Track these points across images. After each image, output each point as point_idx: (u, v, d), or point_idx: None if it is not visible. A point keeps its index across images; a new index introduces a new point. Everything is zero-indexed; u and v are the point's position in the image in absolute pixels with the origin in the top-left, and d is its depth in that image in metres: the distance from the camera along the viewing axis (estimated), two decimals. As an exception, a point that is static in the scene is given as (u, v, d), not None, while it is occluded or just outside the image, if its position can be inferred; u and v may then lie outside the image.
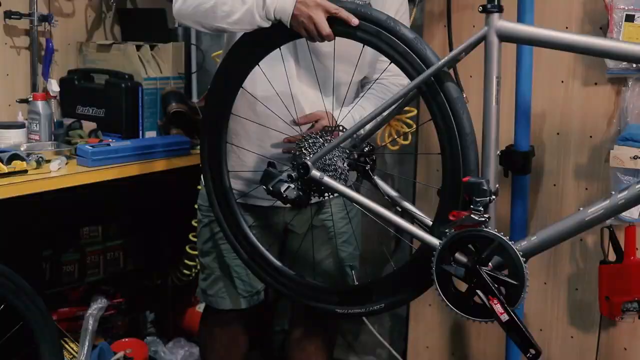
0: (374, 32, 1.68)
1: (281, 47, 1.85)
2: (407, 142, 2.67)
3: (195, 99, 3.16)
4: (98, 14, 3.07)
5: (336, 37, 1.74)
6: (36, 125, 2.57)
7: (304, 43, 1.84)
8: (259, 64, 1.87)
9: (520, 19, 2.05)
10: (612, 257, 2.17)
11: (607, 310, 2.17)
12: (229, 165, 2.03)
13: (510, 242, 1.56)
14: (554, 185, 2.41)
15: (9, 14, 2.70)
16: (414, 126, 2.57)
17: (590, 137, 2.33)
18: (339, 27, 1.71)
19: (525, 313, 2.44)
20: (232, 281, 2.21)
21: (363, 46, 1.74)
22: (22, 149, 2.43)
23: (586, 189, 2.35)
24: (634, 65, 2.15)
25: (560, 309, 2.45)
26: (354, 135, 1.78)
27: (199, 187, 2.23)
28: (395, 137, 2.58)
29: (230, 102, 1.92)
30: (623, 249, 2.15)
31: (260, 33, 1.80)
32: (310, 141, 1.80)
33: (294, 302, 2.07)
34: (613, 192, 1.54)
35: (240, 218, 1.98)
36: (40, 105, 2.57)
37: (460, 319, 2.54)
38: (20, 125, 2.55)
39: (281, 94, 1.96)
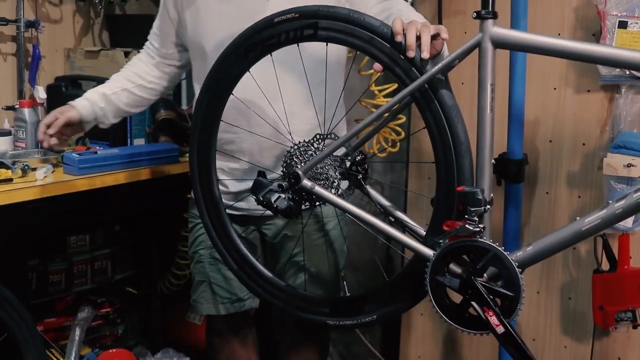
0: (367, 39, 1.65)
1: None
2: (395, 150, 2.65)
3: (184, 106, 3.13)
4: (86, 20, 3.04)
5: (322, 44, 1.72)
6: (22, 133, 2.53)
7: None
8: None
9: (513, 26, 2.04)
10: (605, 266, 2.15)
11: (600, 319, 2.15)
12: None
13: (505, 253, 1.54)
14: (547, 193, 2.39)
15: (-5, 20, 2.67)
16: (403, 134, 2.55)
17: (583, 144, 2.31)
18: (331, 32, 1.68)
19: (518, 322, 2.43)
20: (210, 287, 2.21)
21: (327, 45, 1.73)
22: (7, 156, 2.40)
23: (579, 196, 2.33)
24: (627, 72, 2.14)
25: (554, 319, 2.43)
26: (346, 144, 1.75)
27: (189, 195, 2.20)
28: (384, 144, 2.56)
29: (220, 109, 1.89)
30: (617, 258, 2.13)
31: (253, 40, 1.78)
32: (301, 149, 1.77)
33: (284, 313, 2.04)
34: (610, 201, 1.52)
35: (230, 228, 1.95)
36: (26, 112, 2.54)
37: (452, 328, 2.52)
38: (6, 133, 2.52)
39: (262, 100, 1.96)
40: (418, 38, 1.60)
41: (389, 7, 1.94)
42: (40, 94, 2.68)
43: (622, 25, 2.12)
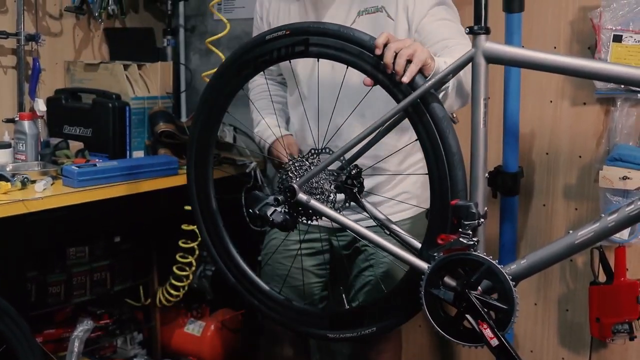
0: (357, 53, 1.66)
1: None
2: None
3: (184, 119, 3.15)
4: (86, 33, 3.06)
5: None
6: (22, 145, 2.54)
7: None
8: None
9: (507, 40, 2.05)
10: (602, 278, 2.16)
11: (597, 331, 2.16)
12: None
13: (499, 266, 1.54)
14: (544, 205, 2.40)
15: (-5, 34, 2.69)
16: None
17: (580, 157, 2.32)
18: (321, 48, 1.70)
19: (516, 334, 2.43)
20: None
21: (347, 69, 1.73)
22: (7, 169, 2.41)
23: (576, 209, 2.34)
24: (622, 86, 2.14)
25: (551, 330, 2.44)
26: (341, 158, 1.76)
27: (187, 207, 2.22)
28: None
29: (216, 126, 1.91)
30: (613, 270, 2.14)
31: (246, 57, 1.80)
32: (297, 164, 1.78)
33: (284, 328, 2.04)
34: (603, 215, 1.53)
35: (227, 241, 1.96)
36: (26, 125, 2.55)
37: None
38: (7, 145, 2.53)
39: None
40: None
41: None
42: (40, 106, 2.69)
43: (617, 39, 2.13)
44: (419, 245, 1.72)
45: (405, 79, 1.60)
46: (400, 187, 2.10)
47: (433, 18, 1.94)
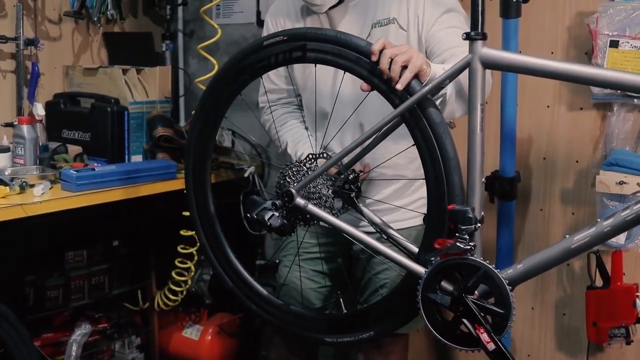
0: (354, 59, 1.67)
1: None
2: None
3: (182, 123, 3.16)
4: (85, 38, 3.07)
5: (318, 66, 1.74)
6: (21, 149, 2.55)
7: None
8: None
9: (504, 46, 2.06)
10: (599, 282, 2.17)
11: (594, 336, 2.16)
12: None
13: (496, 271, 1.55)
14: (541, 210, 2.40)
15: (-6, 38, 2.70)
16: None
17: (577, 161, 2.33)
18: (319, 54, 1.71)
19: (513, 338, 2.44)
20: (289, 292, 2.21)
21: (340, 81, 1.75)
22: (6, 173, 2.42)
23: (573, 213, 2.35)
24: (618, 91, 2.15)
25: (548, 334, 2.44)
26: (338, 163, 1.77)
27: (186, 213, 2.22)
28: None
29: (214, 132, 1.92)
30: (610, 274, 2.15)
31: (244, 63, 1.81)
32: (294, 170, 1.79)
33: (282, 331, 2.04)
34: (599, 220, 1.53)
35: (225, 245, 1.97)
36: (25, 129, 2.56)
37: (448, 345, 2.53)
38: (5, 149, 2.54)
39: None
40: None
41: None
42: (39, 110, 2.70)
43: (614, 44, 2.14)
44: (416, 249, 1.72)
45: (399, 86, 1.61)
46: (419, 192, 2.10)
47: (442, 26, 1.93)
